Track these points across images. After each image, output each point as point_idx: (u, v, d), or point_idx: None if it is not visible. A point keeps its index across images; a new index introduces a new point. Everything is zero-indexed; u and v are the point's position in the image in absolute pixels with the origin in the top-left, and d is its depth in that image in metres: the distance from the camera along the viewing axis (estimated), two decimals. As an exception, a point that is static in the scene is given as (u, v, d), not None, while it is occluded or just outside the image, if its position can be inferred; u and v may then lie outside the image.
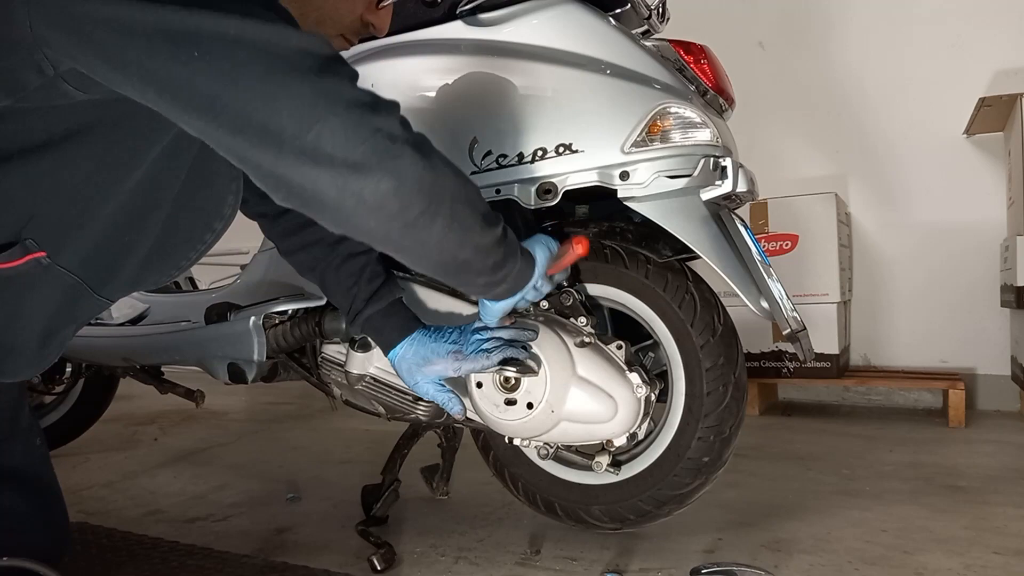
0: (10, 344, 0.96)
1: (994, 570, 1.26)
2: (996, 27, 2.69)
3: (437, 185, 0.81)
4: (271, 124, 0.73)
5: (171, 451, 2.31)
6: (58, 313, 0.98)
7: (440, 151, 0.84)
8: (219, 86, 0.72)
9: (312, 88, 0.73)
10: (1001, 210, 2.69)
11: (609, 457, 1.32)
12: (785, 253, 2.67)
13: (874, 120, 2.89)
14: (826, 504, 1.63)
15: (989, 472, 1.88)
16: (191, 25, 0.70)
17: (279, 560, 1.34)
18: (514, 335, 1.18)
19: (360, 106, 0.75)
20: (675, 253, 1.35)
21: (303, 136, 0.73)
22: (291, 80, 0.72)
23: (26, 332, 0.97)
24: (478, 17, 1.29)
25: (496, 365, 1.15)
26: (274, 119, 0.72)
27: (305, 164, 0.74)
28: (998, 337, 2.72)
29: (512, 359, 1.17)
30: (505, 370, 1.17)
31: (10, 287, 0.91)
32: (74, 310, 1.00)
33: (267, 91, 0.72)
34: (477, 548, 1.41)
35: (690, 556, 1.32)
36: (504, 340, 1.17)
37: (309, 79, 0.73)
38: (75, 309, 1.00)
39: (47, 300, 0.96)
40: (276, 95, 0.72)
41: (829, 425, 2.58)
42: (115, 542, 1.50)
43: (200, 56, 0.70)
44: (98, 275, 0.98)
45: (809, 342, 1.34)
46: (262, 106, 0.72)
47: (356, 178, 0.75)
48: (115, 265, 0.99)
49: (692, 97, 1.29)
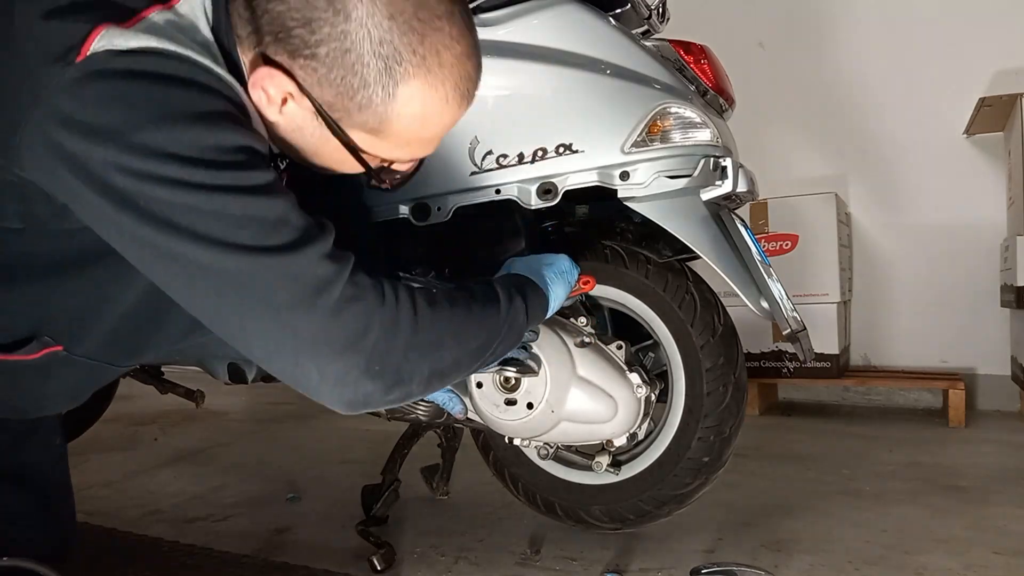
0: (39, 414, 1.05)
1: (994, 570, 1.26)
2: (996, 27, 2.69)
3: (416, 340, 0.80)
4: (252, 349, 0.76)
5: (171, 451, 2.31)
6: (80, 386, 1.04)
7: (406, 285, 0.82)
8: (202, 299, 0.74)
9: (279, 327, 0.73)
10: (1001, 210, 2.69)
11: (609, 457, 1.32)
12: (785, 253, 2.67)
13: (874, 120, 2.89)
14: (826, 504, 1.63)
15: (989, 472, 1.88)
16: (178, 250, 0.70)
17: (279, 560, 1.34)
18: None
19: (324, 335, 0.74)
20: (675, 253, 1.36)
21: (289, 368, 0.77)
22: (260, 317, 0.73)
23: (51, 405, 1.05)
24: (478, 17, 1.29)
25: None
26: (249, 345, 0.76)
27: None
28: (998, 337, 2.72)
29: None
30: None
31: (29, 374, 0.95)
32: (97, 379, 1.06)
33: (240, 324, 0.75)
34: (477, 548, 1.41)
35: (690, 556, 1.32)
36: None
37: (278, 317, 0.73)
38: (98, 379, 1.06)
39: (68, 379, 1.00)
40: (246, 329, 0.74)
41: (829, 425, 2.58)
42: (115, 542, 1.50)
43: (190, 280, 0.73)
44: (119, 355, 1.01)
45: (809, 342, 1.34)
46: (239, 334, 0.75)
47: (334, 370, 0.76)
48: (137, 346, 1.02)
49: (692, 97, 1.29)
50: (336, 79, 0.73)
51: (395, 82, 0.73)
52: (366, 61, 0.72)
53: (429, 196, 1.31)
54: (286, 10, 0.71)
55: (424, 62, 0.73)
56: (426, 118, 0.77)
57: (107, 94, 0.67)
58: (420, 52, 0.73)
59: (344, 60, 0.72)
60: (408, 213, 1.33)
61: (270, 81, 0.75)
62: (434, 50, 0.74)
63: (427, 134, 0.80)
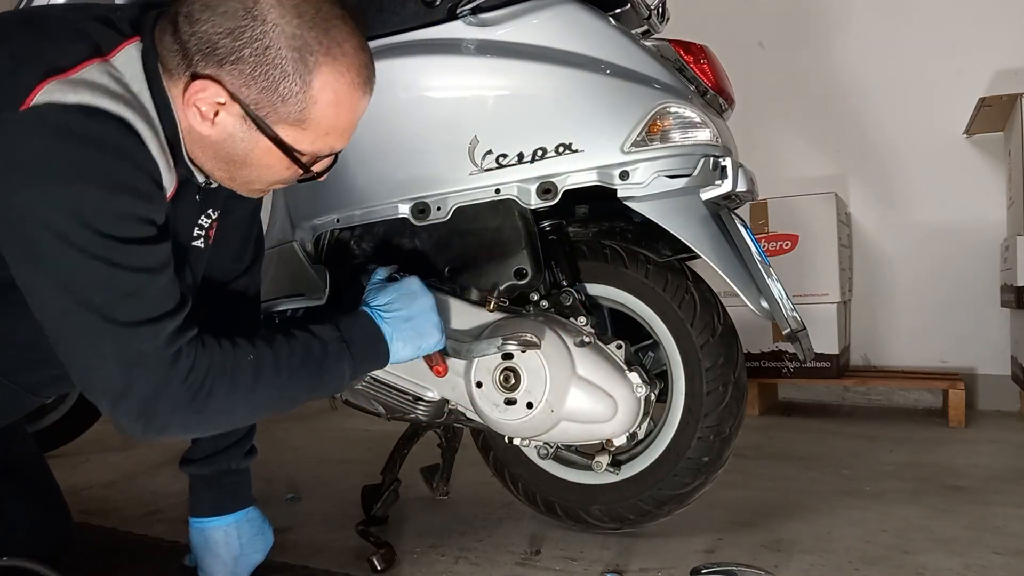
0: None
1: (994, 570, 1.26)
2: (996, 27, 2.69)
3: None
4: None
5: (171, 451, 2.30)
6: (3, 408, 1.09)
7: None
8: None
9: (100, 373, 0.86)
10: (1001, 210, 2.69)
11: (609, 457, 1.32)
12: (785, 253, 2.67)
13: (874, 120, 2.89)
14: (826, 504, 1.63)
15: (989, 472, 1.88)
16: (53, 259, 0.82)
17: (279, 560, 1.34)
18: None
19: None
20: (675, 253, 1.35)
21: None
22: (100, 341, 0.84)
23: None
24: (478, 17, 1.29)
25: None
26: None
27: None
28: (998, 337, 2.72)
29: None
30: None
31: None
32: (16, 405, 1.12)
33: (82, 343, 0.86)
34: (477, 548, 1.41)
35: (690, 556, 1.32)
36: None
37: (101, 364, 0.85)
38: (17, 405, 1.11)
39: None
40: None
41: (829, 425, 2.58)
42: (115, 542, 1.50)
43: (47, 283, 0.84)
44: (26, 383, 1.06)
45: (809, 342, 1.34)
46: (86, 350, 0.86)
47: None
48: (37, 376, 1.06)
49: (692, 97, 1.29)
50: (260, 75, 0.85)
51: (309, 70, 0.86)
52: (284, 55, 0.85)
53: (429, 195, 1.31)
54: (211, 27, 0.84)
55: (330, 51, 0.87)
56: (339, 103, 0.89)
57: (35, 143, 0.78)
58: (325, 43, 0.86)
59: (265, 56, 0.84)
60: (408, 212, 1.33)
61: (202, 94, 0.86)
62: (336, 41, 0.87)
63: (342, 121, 0.92)
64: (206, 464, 1.20)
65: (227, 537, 1.19)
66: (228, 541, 1.19)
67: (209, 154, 0.93)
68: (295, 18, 0.84)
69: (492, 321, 1.27)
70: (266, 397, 0.95)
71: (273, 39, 0.84)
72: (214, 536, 1.18)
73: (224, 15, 0.83)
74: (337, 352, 1.01)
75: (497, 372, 1.23)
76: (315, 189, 1.38)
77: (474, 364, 1.25)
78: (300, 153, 0.92)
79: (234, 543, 1.19)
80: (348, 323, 1.05)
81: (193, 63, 0.86)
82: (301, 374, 0.97)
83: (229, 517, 1.19)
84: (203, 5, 0.84)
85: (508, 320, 1.27)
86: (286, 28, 0.84)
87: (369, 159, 1.34)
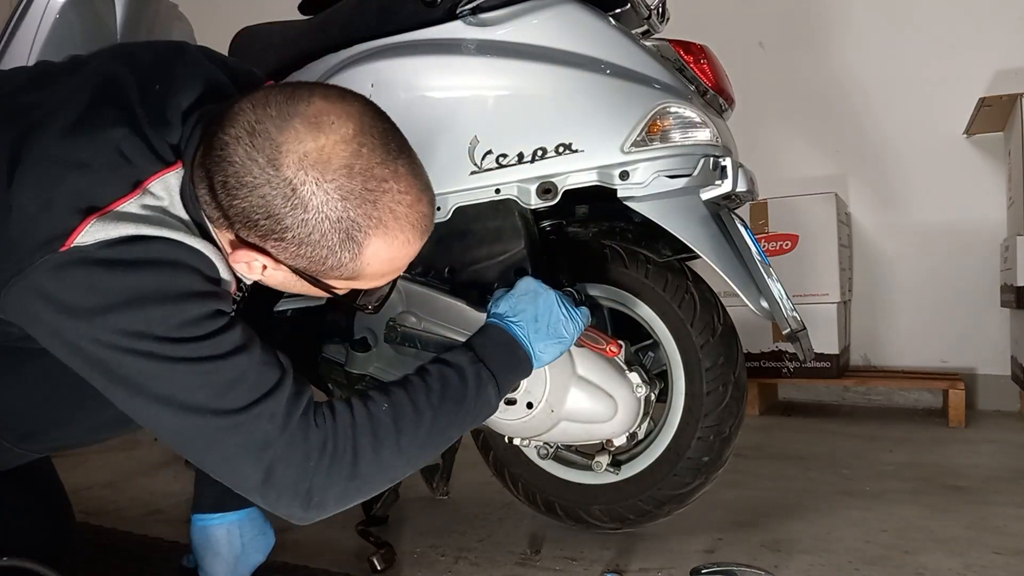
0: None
1: (994, 570, 1.26)
2: (996, 27, 2.69)
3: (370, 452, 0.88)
4: None
5: (171, 451, 2.30)
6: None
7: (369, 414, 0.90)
8: None
9: (229, 472, 0.86)
10: (1001, 210, 2.69)
11: (609, 457, 1.32)
12: (785, 253, 2.67)
13: (874, 120, 2.89)
14: (826, 504, 1.63)
15: (989, 472, 1.88)
16: None
17: (279, 560, 1.34)
18: None
19: None
20: (675, 253, 1.35)
21: None
22: None
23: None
24: (477, 17, 1.29)
25: None
26: None
27: None
28: (998, 337, 2.72)
29: None
30: None
31: None
32: None
33: None
34: (477, 548, 1.41)
35: (690, 556, 1.32)
36: None
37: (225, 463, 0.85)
38: None
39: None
40: None
41: (829, 425, 2.58)
42: (115, 542, 1.50)
43: None
44: (15, 437, 1.06)
45: (809, 342, 1.34)
46: None
47: None
48: (39, 431, 1.07)
49: (692, 97, 1.29)
50: (306, 253, 0.81)
51: (358, 244, 0.82)
52: (329, 237, 0.80)
53: (429, 196, 1.31)
54: (248, 207, 0.79)
55: (381, 223, 0.81)
56: (393, 259, 0.86)
57: (84, 281, 0.78)
58: (375, 216, 0.81)
59: (310, 239, 0.80)
60: (408, 213, 1.33)
61: (248, 258, 0.84)
62: (387, 209, 0.81)
63: (397, 266, 0.89)
64: None
65: (229, 536, 1.19)
66: (230, 540, 1.19)
67: None
68: (339, 201, 0.79)
69: (492, 321, 1.27)
70: (416, 443, 0.92)
71: (316, 225, 0.79)
72: (216, 534, 1.19)
73: (263, 199, 0.78)
74: (475, 374, 0.97)
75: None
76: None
77: (474, 364, 1.25)
78: (352, 298, 0.95)
79: (236, 542, 1.19)
80: (479, 340, 1.02)
81: (235, 228, 0.82)
82: (446, 409, 0.94)
83: (231, 515, 1.19)
84: (238, 181, 0.78)
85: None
86: (331, 214, 0.79)
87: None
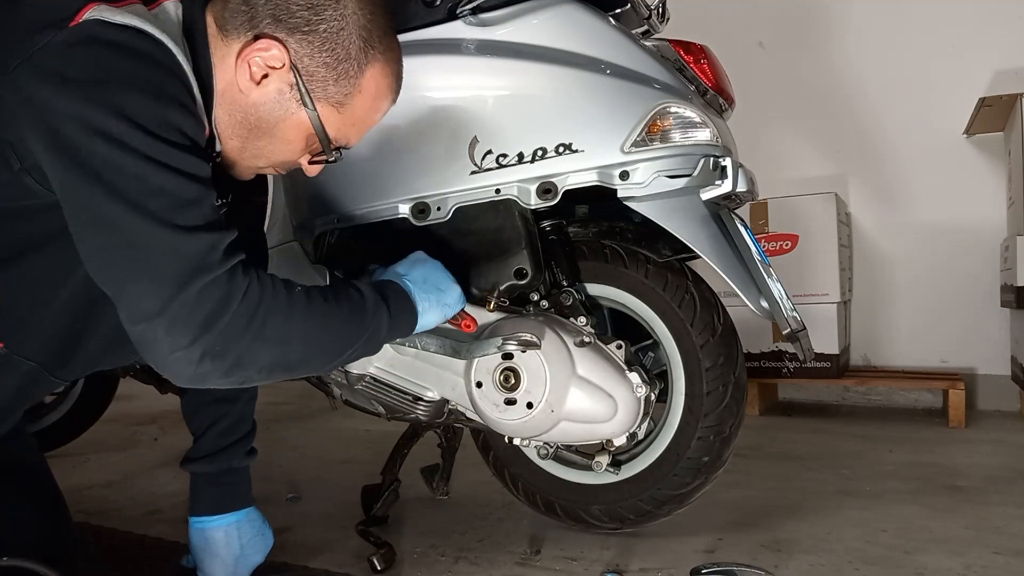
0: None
1: (994, 570, 1.26)
2: (996, 27, 2.69)
3: None
4: None
5: (171, 451, 2.31)
6: (15, 395, 1.02)
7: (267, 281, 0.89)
8: None
9: (153, 295, 0.81)
10: (1001, 210, 2.69)
11: (609, 457, 1.32)
12: (785, 253, 2.67)
13: (874, 120, 2.89)
14: (826, 504, 1.63)
15: (989, 472, 1.88)
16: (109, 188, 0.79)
17: (279, 560, 1.34)
18: None
19: None
20: (675, 253, 1.35)
21: None
22: None
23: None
24: (478, 17, 1.29)
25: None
26: None
27: None
28: (998, 337, 2.72)
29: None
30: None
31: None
32: (31, 390, 1.05)
33: None
34: (477, 548, 1.41)
35: (690, 556, 1.32)
36: None
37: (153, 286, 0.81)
38: (32, 389, 1.04)
39: (4, 385, 0.99)
40: None
41: (829, 425, 2.58)
42: (115, 542, 1.50)
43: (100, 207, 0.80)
44: (55, 360, 1.01)
45: (809, 342, 1.34)
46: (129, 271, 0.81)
47: None
48: (72, 350, 1.02)
49: (692, 97, 1.29)
50: (327, 50, 0.91)
51: (366, 59, 0.94)
52: (352, 40, 0.92)
53: (429, 195, 1.31)
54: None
55: (386, 50, 0.96)
56: (376, 98, 0.97)
57: (89, 56, 0.78)
58: (385, 41, 0.96)
59: (338, 36, 0.91)
60: (408, 212, 1.33)
61: (264, 53, 0.89)
62: (390, 44, 0.97)
63: (370, 116, 0.99)
64: (208, 462, 1.20)
65: (227, 537, 1.19)
66: (228, 541, 1.19)
67: (237, 118, 0.93)
68: (369, 13, 0.93)
69: (492, 321, 1.27)
70: (319, 331, 0.93)
71: (348, 23, 0.91)
72: (214, 536, 1.19)
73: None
74: (375, 302, 1.01)
75: (497, 372, 1.23)
76: (316, 189, 1.38)
77: (474, 364, 1.25)
78: (324, 135, 0.95)
79: (234, 543, 1.19)
80: (379, 284, 1.06)
81: (261, 25, 0.89)
82: (349, 318, 0.97)
83: (229, 516, 1.19)
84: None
85: (508, 320, 1.27)
86: (360, 19, 0.92)
87: (369, 159, 1.34)
